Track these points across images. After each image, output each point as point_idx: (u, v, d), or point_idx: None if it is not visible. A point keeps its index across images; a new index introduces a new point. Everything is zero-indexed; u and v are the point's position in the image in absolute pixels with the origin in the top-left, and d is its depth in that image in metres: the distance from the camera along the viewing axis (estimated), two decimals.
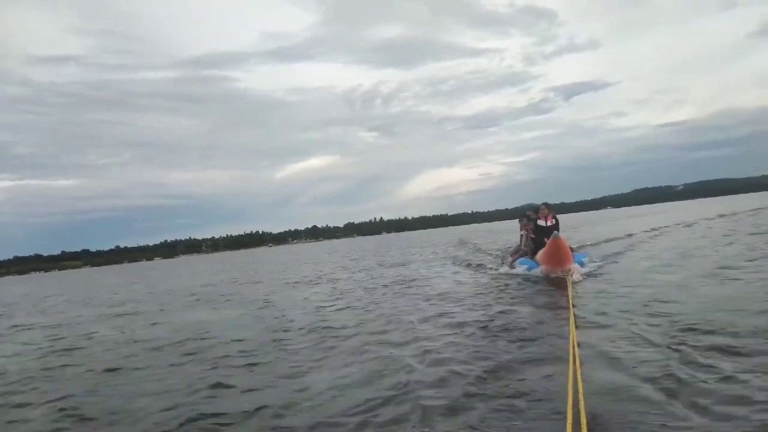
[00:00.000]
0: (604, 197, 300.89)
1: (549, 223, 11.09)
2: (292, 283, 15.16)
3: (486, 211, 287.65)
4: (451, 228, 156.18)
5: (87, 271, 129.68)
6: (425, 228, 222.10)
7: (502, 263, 13.14)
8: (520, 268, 10.92)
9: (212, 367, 5.36)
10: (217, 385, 4.63)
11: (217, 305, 11.47)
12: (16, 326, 11.71)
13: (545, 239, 10.38)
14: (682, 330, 4.76)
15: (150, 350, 6.76)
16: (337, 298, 10.04)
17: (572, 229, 29.07)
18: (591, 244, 16.60)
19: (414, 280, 12.14)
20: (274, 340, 6.49)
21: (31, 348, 8.12)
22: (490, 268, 12.62)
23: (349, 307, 8.74)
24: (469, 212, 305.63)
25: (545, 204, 11.50)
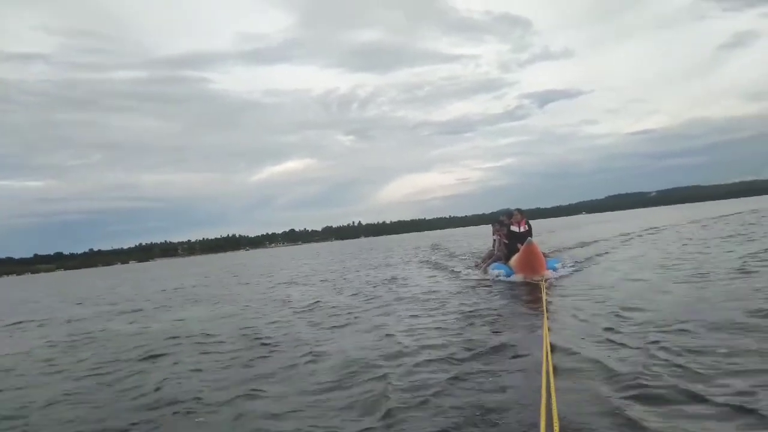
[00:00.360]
0: (579, 203, 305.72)
1: (522, 229, 11.13)
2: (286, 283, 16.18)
3: (463, 215, 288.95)
4: (428, 232, 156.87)
5: (61, 274, 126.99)
6: (403, 232, 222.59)
7: (476, 268, 13.17)
8: (493, 273, 10.89)
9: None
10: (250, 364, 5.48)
11: (216, 303, 12.15)
12: (21, 322, 12.18)
13: (519, 245, 10.40)
14: (653, 332, 4.88)
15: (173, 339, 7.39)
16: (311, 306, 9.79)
17: (548, 232, 29.58)
18: (564, 249, 16.81)
19: (392, 282, 12.52)
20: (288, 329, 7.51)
21: (52, 341, 8.55)
22: (464, 273, 12.59)
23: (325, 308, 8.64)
24: (447, 216, 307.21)
25: (518, 210, 11.52)
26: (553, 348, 4.45)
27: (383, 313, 7.93)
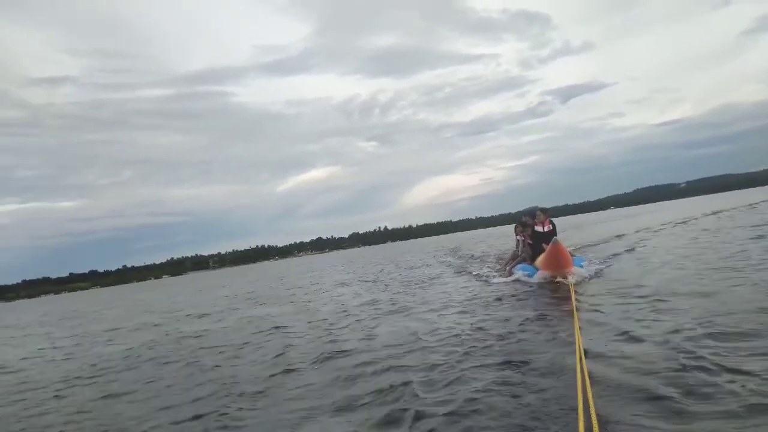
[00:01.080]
0: (607, 197, 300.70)
1: (546, 229, 11.09)
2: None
3: (489, 216, 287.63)
4: (455, 234, 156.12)
5: (98, 291, 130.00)
6: (429, 235, 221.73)
7: (500, 270, 13.09)
8: (519, 275, 10.81)
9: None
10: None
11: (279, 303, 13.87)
12: (116, 329, 13.36)
13: (543, 245, 10.37)
14: (687, 328, 4.79)
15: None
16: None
17: (573, 228, 29.32)
18: (590, 245, 16.62)
19: (420, 285, 12.79)
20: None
21: (156, 340, 9.85)
22: (489, 276, 12.49)
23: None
24: (473, 218, 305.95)
25: (541, 209, 11.40)
26: (586, 349, 4.41)
27: (411, 317, 8.03)
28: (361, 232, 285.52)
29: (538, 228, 11.27)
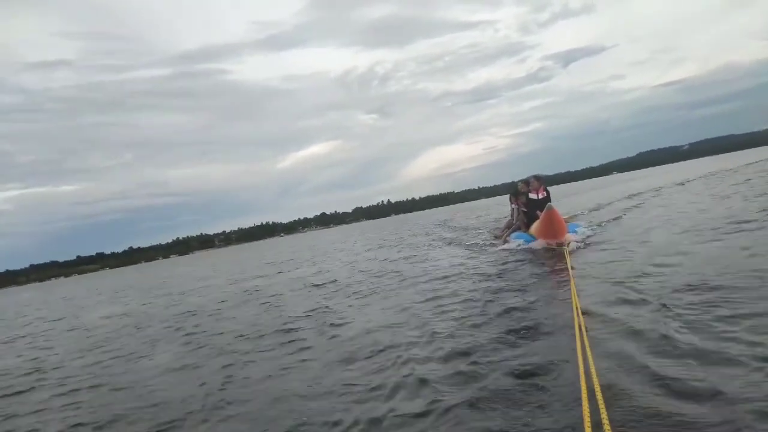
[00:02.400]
0: (609, 162, 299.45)
1: (540, 196, 11.14)
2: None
3: (492, 185, 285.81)
4: (458, 205, 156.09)
5: (109, 272, 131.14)
6: (433, 207, 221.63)
7: (495, 239, 13.20)
8: (515, 243, 10.89)
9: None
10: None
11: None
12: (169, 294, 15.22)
13: (538, 212, 10.39)
14: (681, 290, 4.81)
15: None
16: None
17: (566, 196, 29.46)
18: (585, 212, 16.65)
19: (413, 258, 12.91)
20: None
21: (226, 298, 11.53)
22: (485, 245, 12.59)
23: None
24: (476, 188, 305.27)
25: (535, 176, 11.52)
26: (583, 311, 4.47)
27: (412, 290, 8.08)
28: (364, 206, 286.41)
29: (533, 195, 11.35)
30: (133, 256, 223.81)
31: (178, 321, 9.18)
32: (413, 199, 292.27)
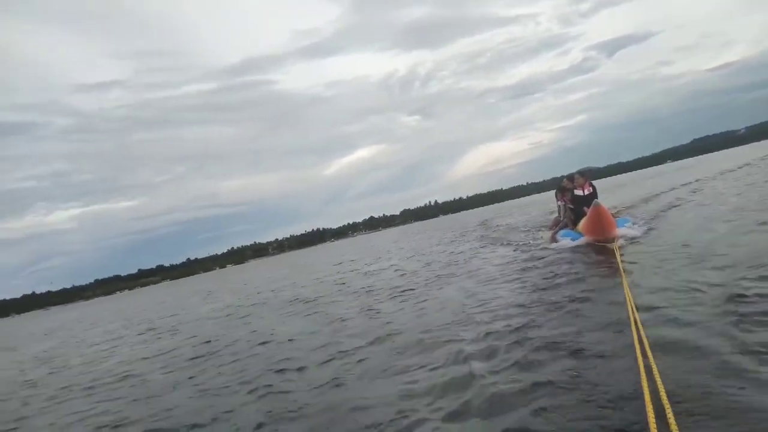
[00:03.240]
0: (662, 151, 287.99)
1: (586, 192, 11.00)
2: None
3: (541, 180, 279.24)
4: (506, 203, 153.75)
5: (170, 283, 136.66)
6: (481, 205, 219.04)
7: (542, 238, 13.01)
8: (563, 241, 10.72)
9: None
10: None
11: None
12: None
13: (585, 208, 10.28)
14: (741, 284, 4.62)
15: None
16: None
17: (620, 187, 28.64)
18: (634, 205, 16.21)
19: (462, 258, 13.25)
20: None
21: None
22: (532, 244, 12.35)
23: None
24: (524, 184, 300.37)
25: (579, 172, 11.34)
26: (638, 308, 4.35)
27: (458, 291, 8.25)
28: (411, 207, 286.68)
29: (578, 192, 11.20)
30: (191, 267, 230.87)
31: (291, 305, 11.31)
32: (461, 198, 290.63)
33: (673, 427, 2.07)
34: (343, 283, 13.62)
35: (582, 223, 10.54)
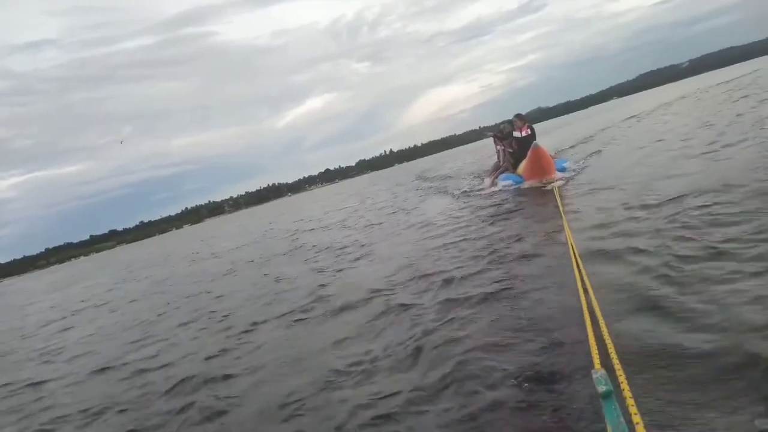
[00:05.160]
0: (609, 88, 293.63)
1: (525, 134, 11.04)
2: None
3: (494, 123, 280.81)
4: (460, 147, 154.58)
5: (127, 247, 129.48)
6: (437, 152, 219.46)
7: (483, 182, 13.13)
8: (504, 184, 10.89)
9: None
10: None
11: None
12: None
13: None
14: (674, 217, 4.74)
15: None
16: None
17: (561, 128, 29.08)
18: (574, 144, 16.73)
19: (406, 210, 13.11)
20: None
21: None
22: (473, 190, 12.53)
23: None
24: (477, 128, 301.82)
25: (518, 115, 11.39)
26: (579, 248, 4.33)
27: (403, 240, 8.23)
28: (367, 158, 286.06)
29: (517, 133, 11.27)
30: (146, 230, 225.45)
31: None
32: (416, 146, 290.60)
33: (617, 365, 2.11)
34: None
35: (522, 166, 10.62)
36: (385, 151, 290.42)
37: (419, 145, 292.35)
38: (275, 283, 7.67)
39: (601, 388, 1.85)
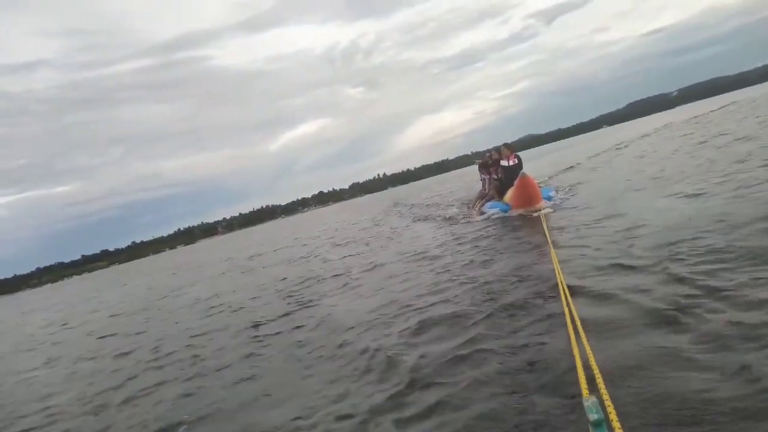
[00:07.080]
0: (599, 116, 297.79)
1: (512, 163, 11.08)
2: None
3: (485, 149, 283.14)
4: (453, 172, 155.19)
5: (119, 267, 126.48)
6: (428, 176, 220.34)
7: (469, 210, 13.12)
8: (491, 212, 10.80)
9: None
10: None
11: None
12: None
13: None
14: (662, 249, 4.72)
15: None
16: None
17: (548, 155, 29.35)
18: (560, 172, 16.92)
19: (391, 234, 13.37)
20: None
21: None
22: (459, 218, 12.35)
23: None
24: (469, 153, 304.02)
25: (505, 144, 11.46)
26: (568, 282, 4.19)
27: (389, 273, 7.83)
28: (360, 181, 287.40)
29: (504, 162, 11.32)
30: (138, 250, 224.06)
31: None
32: (408, 170, 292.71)
33: (605, 395, 2.11)
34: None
35: (509, 194, 10.59)
36: (378, 175, 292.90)
37: (412, 169, 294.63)
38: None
39: (593, 416, 1.85)
